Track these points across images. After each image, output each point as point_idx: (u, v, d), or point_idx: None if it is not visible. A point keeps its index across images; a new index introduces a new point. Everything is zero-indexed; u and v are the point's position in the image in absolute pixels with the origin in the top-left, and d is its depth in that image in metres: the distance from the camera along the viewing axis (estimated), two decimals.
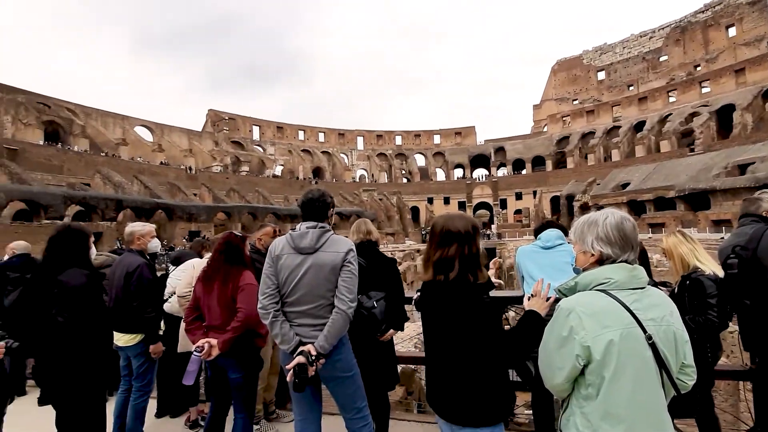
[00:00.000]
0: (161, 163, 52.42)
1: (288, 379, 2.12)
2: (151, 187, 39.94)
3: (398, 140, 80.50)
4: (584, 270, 1.59)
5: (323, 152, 74.61)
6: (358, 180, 74.26)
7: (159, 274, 3.83)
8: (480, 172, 75.15)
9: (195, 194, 45.61)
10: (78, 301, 2.45)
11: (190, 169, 53.56)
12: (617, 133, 59.68)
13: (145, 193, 38.84)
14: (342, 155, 76.79)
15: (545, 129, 72.90)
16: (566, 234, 3.20)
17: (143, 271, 3.22)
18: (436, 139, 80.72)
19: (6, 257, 4.80)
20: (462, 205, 65.28)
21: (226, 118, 66.85)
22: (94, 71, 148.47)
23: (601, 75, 70.75)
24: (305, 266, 2.29)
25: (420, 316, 2.02)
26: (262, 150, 69.94)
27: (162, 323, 3.61)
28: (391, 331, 3.03)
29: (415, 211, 65.10)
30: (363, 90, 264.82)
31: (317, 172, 71.52)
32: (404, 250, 40.65)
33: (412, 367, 6.72)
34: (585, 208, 46.31)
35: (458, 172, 76.96)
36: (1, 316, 3.93)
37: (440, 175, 77.50)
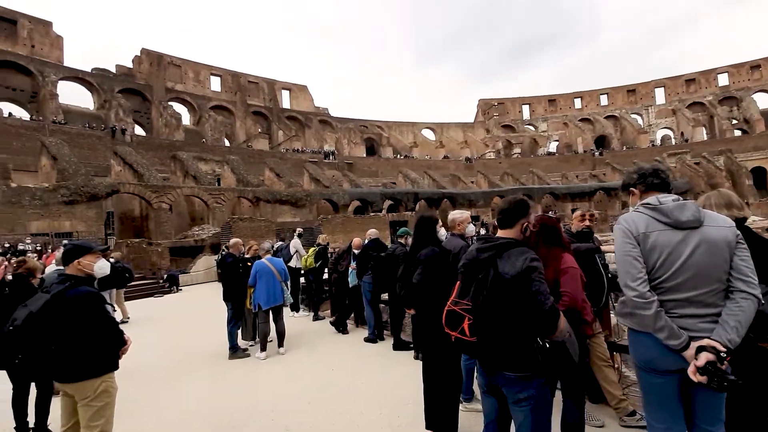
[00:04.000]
0: (444, 157, 59.69)
1: (697, 380, 1.79)
2: (437, 180, 46.08)
3: (722, 80, 59.56)
4: None
5: (608, 117, 64.53)
6: (659, 143, 60.06)
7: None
8: None
9: (472, 182, 49.32)
10: (426, 269, 3.09)
11: (468, 159, 58.39)
12: None
13: (433, 185, 45.17)
14: (633, 116, 64.04)
15: None
16: None
17: (465, 251, 3.69)
18: None
19: (366, 240, 6.57)
20: None
21: (495, 104, 68.59)
22: (389, 89, 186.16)
23: None
24: (692, 244, 1.90)
25: None
26: (533, 129, 67.78)
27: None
28: None
29: (759, 173, 46.31)
30: (661, 28, 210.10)
31: (600, 142, 62.64)
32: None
33: None
34: None
35: None
36: (381, 284, 5.46)
37: None
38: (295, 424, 3.74)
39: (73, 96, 42.32)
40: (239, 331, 6.27)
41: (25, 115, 35.85)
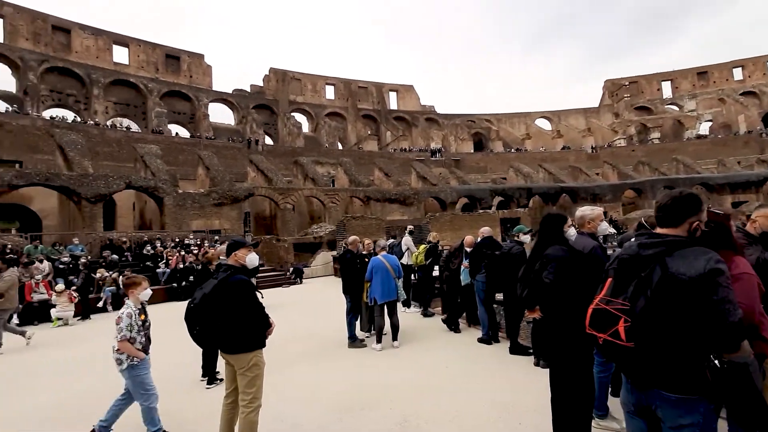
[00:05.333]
0: (562, 148, 54.69)
1: None
2: (554, 173, 42.43)
3: None
4: None
5: None
6: None
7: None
8: None
9: (597, 174, 44.15)
10: (558, 268, 2.83)
11: (592, 148, 52.51)
12: None
13: (549, 179, 41.70)
14: None
15: None
16: None
17: (597, 251, 3.27)
18: None
19: (479, 239, 6.37)
20: None
21: (626, 83, 60.26)
22: (497, 80, 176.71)
23: None
24: None
25: None
26: (676, 108, 57.76)
27: None
28: None
29: None
30: None
31: None
32: None
33: None
34: None
35: None
36: (495, 283, 5.28)
37: None
38: (413, 415, 3.83)
39: (220, 114, 50.17)
40: (357, 323, 6.66)
41: (185, 134, 43.73)
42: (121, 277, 12.60)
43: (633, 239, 2.19)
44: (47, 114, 35.82)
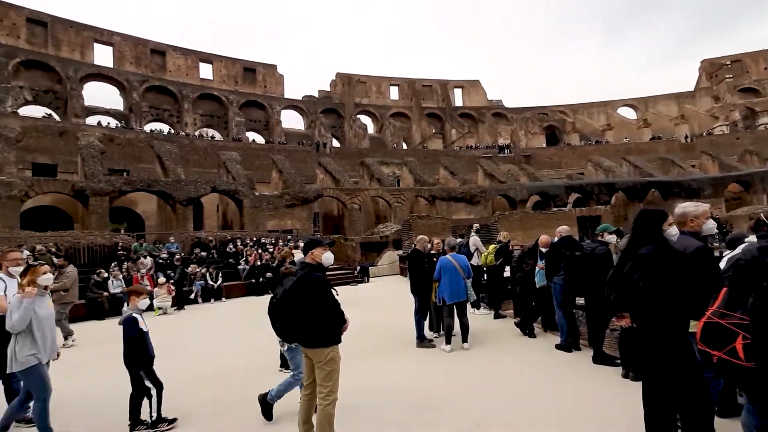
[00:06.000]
0: (652, 138, 49.50)
1: None
2: (640, 166, 38.56)
3: None
4: None
5: None
6: None
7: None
8: None
9: (693, 165, 39.30)
10: (650, 270, 2.53)
11: (687, 137, 46.88)
12: None
13: (635, 173, 37.97)
14: None
15: None
16: None
17: (702, 253, 2.83)
18: None
19: (555, 238, 5.96)
20: None
21: (727, 63, 52.92)
22: (572, 69, 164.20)
23: None
24: None
25: None
26: None
27: None
28: None
29: None
30: None
31: None
32: None
33: None
34: None
35: None
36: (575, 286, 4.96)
37: None
38: (486, 418, 3.71)
39: (291, 120, 53.05)
40: (425, 323, 6.59)
41: (260, 140, 46.91)
42: (207, 272, 13.84)
43: (752, 240, 1.87)
44: (148, 128, 40.64)
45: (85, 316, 10.52)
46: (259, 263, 15.09)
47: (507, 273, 8.07)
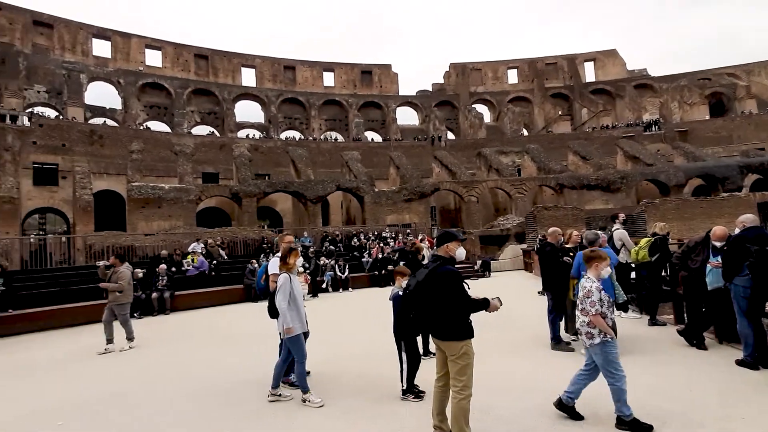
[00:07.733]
0: None
1: None
2: None
3: None
4: None
5: None
6: None
7: None
8: None
9: None
10: None
11: None
12: None
13: None
14: None
15: None
16: None
17: None
18: None
19: (736, 230, 4.79)
20: None
21: None
22: (741, 23, 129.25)
23: None
24: None
25: None
26: None
27: None
28: None
29: None
30: None
31: None
32: None
33: None
34: None
35: None
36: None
37: None
38: None
39: (406, 116, 54.18)
40: (561, 323, 5.96)
41: (378, 138, 49.02)
42: (337, 264, 15.00)
43: None
44: (283, 136, 46.11)
45: (240, 299, 12.51)
46: (380, 256, 15.76)
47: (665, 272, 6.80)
